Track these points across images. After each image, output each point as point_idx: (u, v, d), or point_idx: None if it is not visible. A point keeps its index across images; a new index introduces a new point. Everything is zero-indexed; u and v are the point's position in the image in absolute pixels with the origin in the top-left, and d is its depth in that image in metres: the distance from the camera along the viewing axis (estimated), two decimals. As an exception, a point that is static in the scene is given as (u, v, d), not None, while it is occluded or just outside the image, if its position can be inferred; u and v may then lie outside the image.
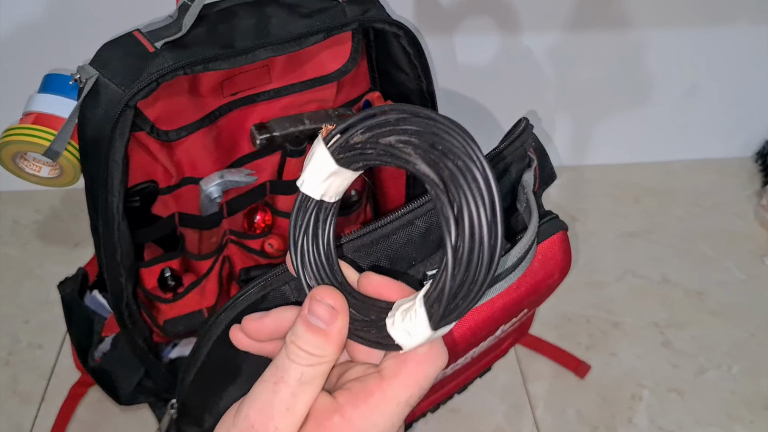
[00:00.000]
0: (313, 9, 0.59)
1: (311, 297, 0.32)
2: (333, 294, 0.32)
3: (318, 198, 0.33)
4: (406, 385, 0.30)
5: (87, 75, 0.54)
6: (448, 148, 0.27)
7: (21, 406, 0.77)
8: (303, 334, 0.31)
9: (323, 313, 0.31)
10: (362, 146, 0.30)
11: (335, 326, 0.31)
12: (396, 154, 0.28)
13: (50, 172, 0.62)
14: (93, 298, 0.71)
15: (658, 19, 0.95)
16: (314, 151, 0.31)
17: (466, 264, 0.27)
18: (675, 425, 0.77)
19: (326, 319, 0.31)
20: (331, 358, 0.31)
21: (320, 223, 0.34)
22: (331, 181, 0.32)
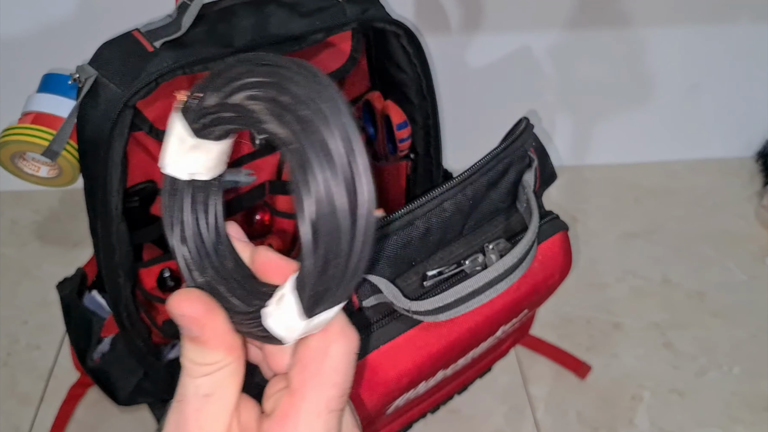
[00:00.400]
0: (313, 8, 0.59)
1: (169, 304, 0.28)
2: (188, 300, 0.27)
3: (187, 178, 0.28)
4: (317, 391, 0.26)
5: (86, 75, 0.54)
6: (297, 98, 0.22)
7: (19, 407, 0.77)
8: (187, 346, 0.28)
9: (187, 322, 0.27)
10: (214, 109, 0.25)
11: (206, 331, 0.27)
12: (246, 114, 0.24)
13: (49, 172, 0.62)
14: (92, 298, 0.70)
15: (659, 18, 0.95)
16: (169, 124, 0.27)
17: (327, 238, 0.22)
18: (676, 426, 0.77)
19: (192, 327, 0.27)
20: (224, 363, 0.28)
21: (199, 205, 0.29)
22: (196, 157, 0.27)
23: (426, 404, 0.69)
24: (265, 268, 0.29)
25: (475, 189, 0.52)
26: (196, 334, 0.27)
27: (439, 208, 0.50)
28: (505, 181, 0.54)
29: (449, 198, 0.50)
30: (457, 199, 0.51)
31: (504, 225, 0.54)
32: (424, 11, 0.90)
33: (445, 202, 0.50)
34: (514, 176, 0.54)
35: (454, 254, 0.52)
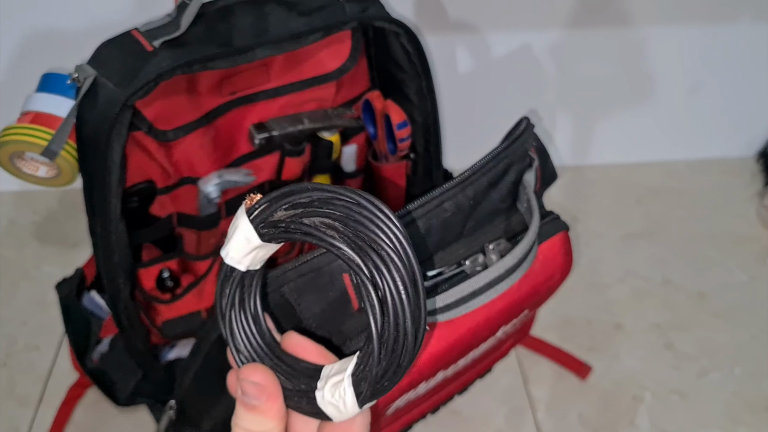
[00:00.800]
0: (313, 7, 0.59)
1: (239, 377, 0.33)
2: (257, 371, 0.33)
3: (243, 269, 0.33)
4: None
5: (85, 74, 0.54)
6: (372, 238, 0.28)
7: (18, 408, 0.77)
8: (243, 414, 0.33)
9: (253, 391, 0.33)
10: (285, 223, 0.30)
11: (267, 401, 0.33)
12: (321, 236, 0.29)
13: (48, 172, 0.62)
14: (91, 299, 0.70)
15: (660, 18, 0.95)
16: (237, 224, 0.32)
17: (391, 350, 0.29)
18: (677, 427, 0.77)
19: (256, 396, 0.33)
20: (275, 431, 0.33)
21: (246, 290, 0.34)
22: (255, 254, 0.33)
23: (426, 405, 0.69)
24: (297, 350, 0.35)
25: (476, 189, 0.51)
26: (258, 403, 0.33)
27: (440, 208, 0.50)
28: (506, 181, 0.53)
29: (449, 198, 0.50)
30: (458, 199, 0.50)
31: (504, 225, 0.54)
32: (424, 10, 0.90)
33: (446, 202, 0.50)
34: (514, 176, 0.54)
35: (455, 254, 0.52)
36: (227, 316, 0.34)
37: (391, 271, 0.28)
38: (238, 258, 0.33)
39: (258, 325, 0.35)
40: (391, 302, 0.28)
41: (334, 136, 0.68)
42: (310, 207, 0.29)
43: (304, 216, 0.30)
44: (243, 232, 0.32)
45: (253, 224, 0.31)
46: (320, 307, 0.46)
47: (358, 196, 0.29)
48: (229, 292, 0.34)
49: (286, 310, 0.45)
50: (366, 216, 0.28)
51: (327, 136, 0.68)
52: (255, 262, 0.33)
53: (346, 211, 0.29)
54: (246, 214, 0.31)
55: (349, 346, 0.47)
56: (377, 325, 0.29)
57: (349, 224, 0.29)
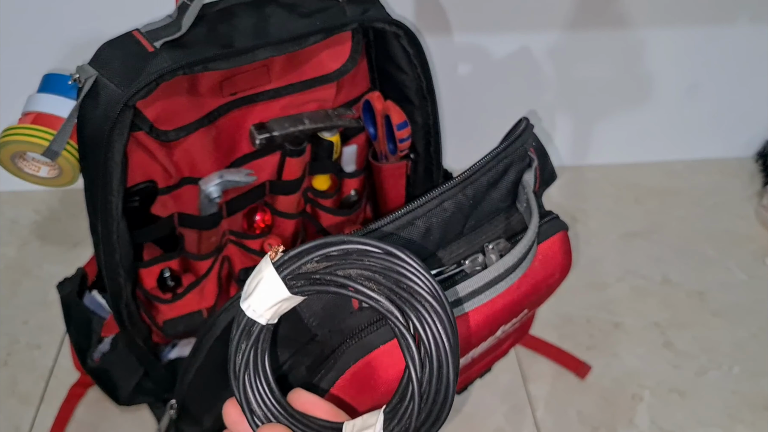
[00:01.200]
0: (313, 8, 0.59)
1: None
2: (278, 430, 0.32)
3: (264, 323, 0.32)
4: None
5: (86, 75, 0.54)
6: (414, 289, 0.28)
7: (20, 407, 0.77)
8: None
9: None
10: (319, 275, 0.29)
11: None
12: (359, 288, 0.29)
13: (49, 172, 0.62)
14: (92, 298, 0.70)
15: (659, 19, 0.95)
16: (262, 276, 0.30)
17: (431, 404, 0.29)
18: (676, 426, 0.77)
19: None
20: None
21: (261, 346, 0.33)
22: (278, 307, 0.31)
23: (426, 404, 0.69)
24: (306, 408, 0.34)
25: (476, 189, 0.52)
26: None
27: (440, 208, 0.50)
28: (505, 181, 0.54)
29: (449, 198, 0.50)
30: (458, 198, 0.51)
31: (504, 225, 0.54)
32: (424, 12, 0.90)
33: (446, 201, 0.50)
34: (514, 176, 0.54)
35: (454, 254, 0.52)
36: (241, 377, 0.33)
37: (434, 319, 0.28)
38: (261, 311, 0.31)
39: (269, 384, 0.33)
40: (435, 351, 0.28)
41: (335, 136, 0.69)
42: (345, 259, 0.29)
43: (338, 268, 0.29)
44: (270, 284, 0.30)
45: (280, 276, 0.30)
46: (321, 305, 0.46)
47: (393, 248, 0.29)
48: (245, 348, 0.32)
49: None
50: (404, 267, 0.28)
51: (327, 136, 0.68)
52: (275, 316, 0.32)
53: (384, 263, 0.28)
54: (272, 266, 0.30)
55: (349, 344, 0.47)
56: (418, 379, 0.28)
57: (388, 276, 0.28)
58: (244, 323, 0.32)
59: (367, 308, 0.48)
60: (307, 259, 0.30)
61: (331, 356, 0.47)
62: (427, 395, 0.29)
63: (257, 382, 0.33)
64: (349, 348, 0.46)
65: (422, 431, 0.29)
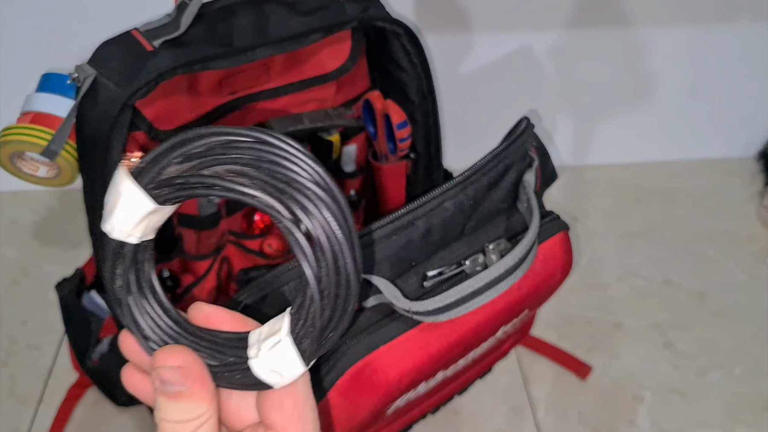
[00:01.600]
0: (313, 7, 0.59)
1: (153, 365, 0.28)
2: (174, 352, 0.28)
3: (135, 242, 0.28)
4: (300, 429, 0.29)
5: (85, 74, 0.54)
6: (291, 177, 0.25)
7: (18, 408, 0.77)
8: (167, 406, 0.28)
9: (175, 377, 0.28)
10: (183, 179, 0.26)
11: (194, 383, 0.28)
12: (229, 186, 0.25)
13: (48, 171, 0.62)
14: (91, 298, 0.70)
15: (660, 18, 0.95)
16: (120, 190, 0.27)
17: (334, 296, 0.26)
18: (677, 427, 0.77)
19: (180, 381, 0.28)
20: (208, 413, 0.28)
21: (140, 265, 0.29)
22: (148, 221, 0.28)
23: (426, 405, 0.69)
24: (210, 322, 0.30)
25: (476, 189, 0.51)
26: (182, 388, 0.28)
27: (440, 208, 0.50)
28: (506, 181, 0.53)
29: (450, 198, 0.50)
30: (458, 198, 0.51)
31: (505, 225, 0.54)
32: (424, 10, 0.90)
33: (446, 201, 0.50)
34: (514, 176, 0.54)
35: (455, 254, 0.52)
36: (124, 301, 0.29)
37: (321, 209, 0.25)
38: (128, 229, 0.27)
39: (161, 304, 0.30)
40: (327, 243, 0.25)
41: (335, 135, 0.68)
42: (210, 155, 0.25)
43: (202, 167, 0.26)
44: (131, 198, 0.27)
45: (140, 186, 0.26)
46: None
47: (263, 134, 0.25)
48: (122, 272, 0.29)
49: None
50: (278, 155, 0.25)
51: (327, 136, 0.68)
52: (148, 232, 0.28)
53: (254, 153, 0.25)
54: (129, 177, 0.27)
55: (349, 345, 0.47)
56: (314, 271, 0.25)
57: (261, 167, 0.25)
58: (113, 247, 0.28)
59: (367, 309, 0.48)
60: (165, 161, 0.26)
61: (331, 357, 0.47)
62: (328, 291, 0.26)
63: (145, 303, 0.29)
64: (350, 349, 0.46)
65: (330, 327, 0.27)
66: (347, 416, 0.48)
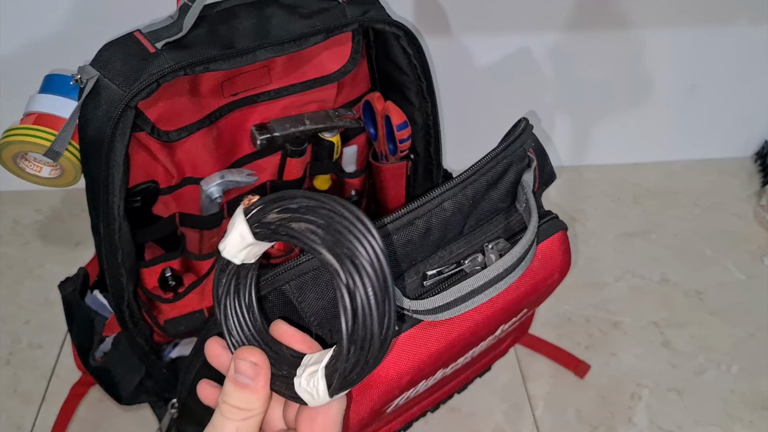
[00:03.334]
0: (314, 9, 0.59)
1: (236, 357, 0.36)
2: (254, 352, 0.36)
3: (238, 263, 0.37)
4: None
5: (88, 75, 0.54)
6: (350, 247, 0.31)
7: (22, 406, 0.78)
8: (232, 392, 0.35)
9: (248, 370, 0.35)
10: (275, 225, 0.33)
11: (259, 381, 0.35)
12: (304, 240, 0.32)
13: (51, 172, 0.62)
14: (94, 298, 0.71)
15: (658, 19, 0.95)
16: (235, 222, 0.35)
17: (359, 349, 0.32)
18: (674, 425, 0.77)
19: (251, 375, 0.35)
20: (260, 410, 0.36)
21: (242, 281, 0.38)
22: (249, 250, 0.36)
23: (426, 403, 0.69)
24: (284, 338, 0.38)
25: (475, 189, 0.52)
26: (250, 382, 0.35)
27: (440, 208, 0.50)
28: (505, 181, 0.54)
29: (449, 198, 0.51)
30: (457, 198, 0.51)
31: (503, 225, 0.55)
32: (424, 13, 0.91)
33: (445, 201, 0.50)
34: (513, 176, 0.54)
35: (454, 254, 0.52)
36: (222, 302, 0.38)
37: (364, 279, 0.31)
38: (234, 253, 0.36)
39: (251, 314, 0.38)
40: (361, 307, 0.31)
41: (335, 136, 0.69)
42: (298, 212, 0.33)
43: (292, 220, 0.33)
44: (239, 230, 0.35)
45: (248, 223, 0.35)
46: (321, 305, 0.46)
47: (342, 207, 0.31)
48: (225, 282, 0.38)
49: (287, 307, 0.46)
50: (346, 226, 0.31)
51: (328, 136, 0.68)
52: (249, 257, 0.37)
53: (329, 220, 0.32)
54: (243, 214, 0.35)
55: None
56: (347, 327, 0.31)
57: (330, 232, 0.31)
58: (222, 263, 0.38)
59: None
60: (270, 209, 0.34)
61: (332, 355, 0.47)
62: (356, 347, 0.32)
63: (238, 308, 0.38)
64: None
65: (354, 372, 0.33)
66: (348, 414, 0.49)
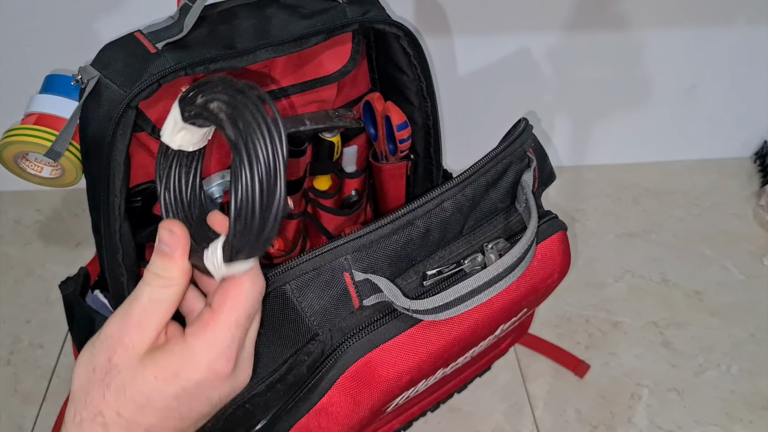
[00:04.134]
0: (314, 10, 0.59)
1: (160, 226, 0.39)
2: (175, 223, 0.39)
3: (176, 147, 0.40)
4: (231, 311, 0.38)
5: (88, 76, 0.54)
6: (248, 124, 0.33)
7: (22, 406, 0.78)
8: (154, 260, 0.38)
9: (166, 238, 0.38)
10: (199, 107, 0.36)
11: (177, 251, 0.38)
12: (214, 118, 0.35)
13: (52, 172, 0.62)
14: (94, 297, 0.71)
15: (658, 20, 0.96)
16: (172, 108, 0.38)
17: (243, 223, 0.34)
18: (674, 425, 0.78)
19: (169, 243, 0.38)
20: (177, 281, 0.39)
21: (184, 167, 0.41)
22: (183, 134, 0.39)
23: (426, 402, 0.70)
24: (213, 225, 0.41)
25: (475, 189, 0.52)
26: (170, 251, 0.38)
27: (439, 208, 0.50)
28: (505, 182, 0.54)
29: (449, 198, 0.51)
30: (457, 199, 0.51)
31: (503, 225, 0.55)
32: (424, 13, 0.91)
33: (445, 202, 0.51)
34: (513, 176, 0.54)
35: (454, 254, 0.53)
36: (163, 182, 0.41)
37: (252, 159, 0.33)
38: (169, 135, 0.39)
39: (194, 195, 0.41)
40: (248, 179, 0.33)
41: (335, 136, 0.69)
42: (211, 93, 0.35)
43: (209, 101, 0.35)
44: (172, 114, 0.38)
45: (180, 108, 0.37)
46: (321, 304, 0.46)
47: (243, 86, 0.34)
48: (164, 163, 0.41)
49: (287, 307, 0.46)
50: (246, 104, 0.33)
51: (328, 136, 0.69)
52: (185, 144, 0.39)
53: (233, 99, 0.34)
54: (178, 101, 0.38)
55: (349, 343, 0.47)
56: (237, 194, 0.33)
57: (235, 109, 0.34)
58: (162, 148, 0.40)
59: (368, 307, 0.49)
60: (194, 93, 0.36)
61: (332, 355, 0.47)
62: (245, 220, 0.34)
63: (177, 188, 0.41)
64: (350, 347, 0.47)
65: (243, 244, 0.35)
66: (347, 413, 0.49)
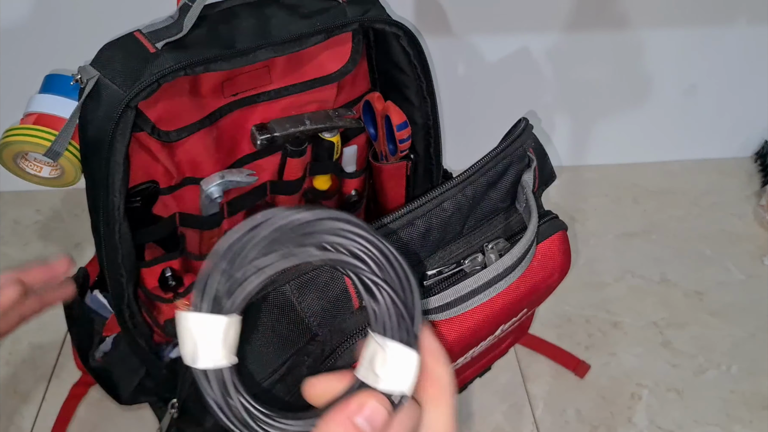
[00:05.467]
0: (314, 9, 0.59)
1: None
2: None
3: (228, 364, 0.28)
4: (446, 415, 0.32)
5: (88, 75, 0.54)
6: None
7: (22, 406, 0.78)
8: None
9: None
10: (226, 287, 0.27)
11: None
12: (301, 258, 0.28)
13: (51, 172, 0.62)
14: (94, 298, 0.71)
15: (657, 20, 0.95)
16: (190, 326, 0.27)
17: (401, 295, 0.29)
18: (674, 425, 0.77)
19: None
20: None
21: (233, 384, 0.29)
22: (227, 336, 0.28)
23: (426, 403, 0.69)
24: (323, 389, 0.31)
25: (475, 189, 0.52)
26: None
27: (439, 208, 0.50)
28: (505, 181, 0.54)
29: (449, 198, 0.51)
30: (457, 199, 0.51)
31: (503, 225, 0.55)
32: (424, 13, 0.91)
33: (445, 201, 0.50)
34: (513, 176, 0.54)
35: (454, 254, 0.53)
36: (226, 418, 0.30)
37: None
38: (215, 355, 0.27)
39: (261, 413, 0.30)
40: None
41: (335, 136, 0.69)
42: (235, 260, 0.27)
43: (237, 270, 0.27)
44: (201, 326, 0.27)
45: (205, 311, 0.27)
46: (321, 305, 0.46)
47: None
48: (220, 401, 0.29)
49: (287, 307, 0.46)
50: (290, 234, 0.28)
51: (328, 136, 0.68)
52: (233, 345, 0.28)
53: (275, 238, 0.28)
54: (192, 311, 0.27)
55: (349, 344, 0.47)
56: None
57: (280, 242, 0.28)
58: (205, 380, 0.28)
59: (367, 307, 0.49)
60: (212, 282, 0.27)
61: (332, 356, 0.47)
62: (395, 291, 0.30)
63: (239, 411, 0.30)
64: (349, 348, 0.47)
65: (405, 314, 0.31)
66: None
